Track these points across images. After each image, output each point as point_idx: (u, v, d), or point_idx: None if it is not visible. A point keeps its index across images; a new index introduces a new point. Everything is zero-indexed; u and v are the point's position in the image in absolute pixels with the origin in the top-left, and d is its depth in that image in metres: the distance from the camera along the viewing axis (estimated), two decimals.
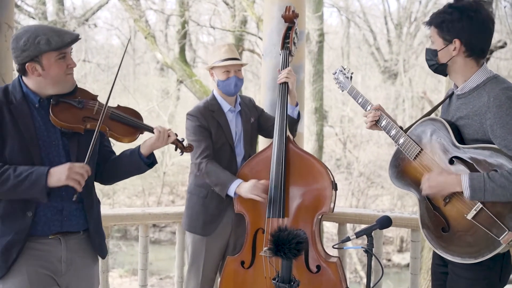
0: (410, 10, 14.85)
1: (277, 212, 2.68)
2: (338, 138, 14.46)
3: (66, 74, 1.97)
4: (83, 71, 12.10)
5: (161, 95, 13.47)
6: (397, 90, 14.27)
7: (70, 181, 1.86)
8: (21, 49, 1.89)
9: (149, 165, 2.15)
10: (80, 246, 2.08)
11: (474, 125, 1.97)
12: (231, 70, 2.79)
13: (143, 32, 10.54)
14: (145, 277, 3.10)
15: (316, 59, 9.89)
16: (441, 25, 2.03)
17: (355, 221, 3.11)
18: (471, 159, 1.96)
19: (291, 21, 2.92)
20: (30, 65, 1.92)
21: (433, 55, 2.08)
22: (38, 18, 11.33)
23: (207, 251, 2.82)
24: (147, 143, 2.11)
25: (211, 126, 2.79)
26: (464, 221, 1.97)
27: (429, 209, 2.09)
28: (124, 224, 3.12)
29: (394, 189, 12.98)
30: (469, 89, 2.04)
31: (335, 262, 2.66)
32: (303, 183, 2.72)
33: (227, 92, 2.83)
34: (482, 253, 1.91)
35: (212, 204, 2.80)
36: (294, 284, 1.75)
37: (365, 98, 2.40)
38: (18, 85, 1.98)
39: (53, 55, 1.92)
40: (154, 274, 10.64)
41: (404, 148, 2.16)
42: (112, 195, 13.13)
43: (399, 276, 11.33)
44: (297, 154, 2.75)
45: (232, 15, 10.81)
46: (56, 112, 1.96)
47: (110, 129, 2.02)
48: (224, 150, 2.82)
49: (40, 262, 1.97)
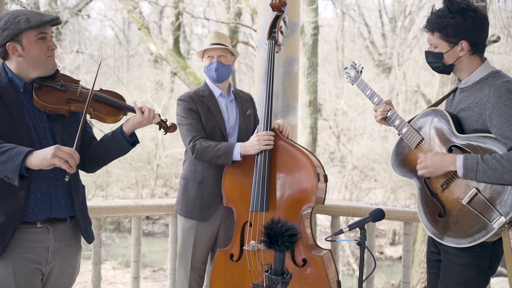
0: (404, 4, 14.85)
1: (260, 205, 2.66)
2: (332, 132, 14.48)
3: (47, 56, 2.01)
4: (76, 62, 12.00)
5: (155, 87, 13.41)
6: (391, 83, 14.29)
7: (56, 160, 1.79)
8: (1, 28, 1.93)
9: (132, 144, 2.17)
10: (67, 235, 2.10)
11: (474, 116, 2.07)
12: (214, 56, 2.82)
13: (137, 24, 10.46)
14: (137, 269, 3.10)
15: (310, 52, 9.87)
16: (445, 30, 2.10)
17: (348, 214, 3.11)
18: (468, 147, 2.05)
19: (279, 10, 2.87)
20: (10, 45, 1.95)
21: (437, 58, 2.15)
22: (30, 8, 11.22)
23: (196, 241, 2.83)
24: (129, 122, 2.14)
25: (200, 109, 2.80)
26: (459, 206, 2.06)
27: (427, 195, 2.19)
28: (117, 216, 3.12)
29: (387, 182, 13.05)
30: (472, 82, 2.13)
31: (322, 256, 2.65)
32: (288, 176, 2.70)
33: (211, 78, 2.86)
34: (476, 237, 2.00)
35: (207, 189, 2.81)
36: (287, 277, 1.76)
37: (372, 90, 2.51)
38: (3, 71, 2.01)
39: (33, 34, 1.95)
40: (147, 266, 10.64)
41: (406, 137, 2.26)
42: (106, 187, 13.10)
43: (391, 269, 11.41)
44: (282, 147, 2.73)
45: (227, 7, 10.76)
46: (40, 95, 2.00)
47: (95, 109, 2.06)
48: (215, 134, 2.82)
49: (28, 255, 1.98)
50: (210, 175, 2.82)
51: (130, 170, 13.28)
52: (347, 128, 14.37)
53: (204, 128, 2.80)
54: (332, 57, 16.06)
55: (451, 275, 2.14)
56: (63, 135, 2.04)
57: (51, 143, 2.00)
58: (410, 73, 14.60)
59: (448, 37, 2.10)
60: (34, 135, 1.98)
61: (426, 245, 6.47)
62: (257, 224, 2.67)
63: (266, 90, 2.75)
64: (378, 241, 12.26)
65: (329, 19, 17.38)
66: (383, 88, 13.95)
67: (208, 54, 2.83)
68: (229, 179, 2.79)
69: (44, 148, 1.85)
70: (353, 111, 14.03)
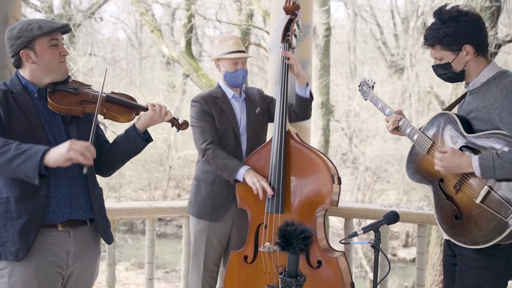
0: (417, 4, 14.72)
1: (276, 207, 2.68)
2: (344, 133, 14.42)
3: (59, 62, 2.07)
4: (89, 65, 12.11)
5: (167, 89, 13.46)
6: (403, 84, 14.20)
7: (71, 152, 1.81)
8: (15, 36, 2.01)
9: (146, 140, 2.19)
10: (87, 240, 2.13)
11: (483, 117, 2.07)
12: (239, 62, 2.86)
13: (149, 26, 10.53)
14: (151, 270, 3.11)
15: (322, 53, 9.86)
16: (445, 40, 2.12)
17: (361, 216, 3.10)
18: (477, 147, 2.05)
19: (293, 13, 2.88)
20: (24, 52, 2.01)
21: (446, 68, 2.17)
22: (44, 12, 11.36)
23: (208, 242, 2.85)
24: (141, 119, 2.17)
25: (214, 111, 2.84)
26: (474, 206, 2.05)
27: (442, 198, 2.18)
28: (131, 218, 3.14)
29: (400, 184, 12.95)
30: (480, 84, 2.14)
31: (336, 257, 2.65)
32: (303, 178, 2.71)
33: (234, 84, 2.90)
34: (492, 236, 1.98)
35: (219, 189, 2.83)
36: (301, 279, 1.76)
37: (384, 102, 2.55)
38: (16, 79, 2.07)
39: (45, 41, 2.02)
40: (160, 267, 10.69)
41: (418, 143, 2.27)
42: (119, 188, 13.19)
43: (404, 271, 11.33)
44: (297, 149, 2.74)
45: (239, 9, 10.78)
46: (54, 98, 2.05)
47: (108, 109, 2.11)
48: (228, 135, 2.85)
49: (50, 258, 2.01)
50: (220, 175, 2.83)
51: (143, 172, 13.35)
52: (359, 130, 14.30)
53: (217, 130, 2.83)
54: (344, 58, 16.00)
55: (466, 279, 2.12)
56: (78, 137, 2.07)
57: None
58: (423, 74, 14.48)
59: (450, 46, 2.12)
60: (50, 137, 2.03)
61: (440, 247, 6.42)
62: (272, 226, 2.67)
63: (281, 94, 2.77)
64: (391, 243, 12.18)
65: (341, 20, 17.34)
66: (396, 89, 13.88)
67: (233, 60, 2.86)
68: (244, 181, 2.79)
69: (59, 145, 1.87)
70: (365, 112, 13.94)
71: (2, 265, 1.96)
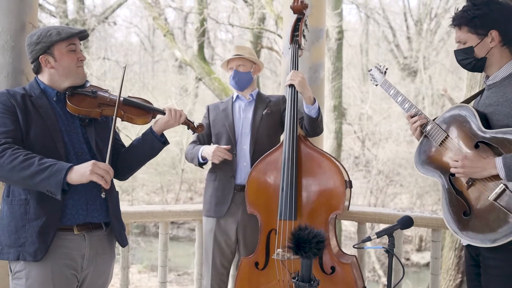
0: (430, 6, 14.64)
1: (289, 214, 2.64)
2: (357, 136, 14.35)
3: (77, 67, 2.13)
4: (102, 69, 12.22)
5: (180, 93, 13.54)
6: (417, 87, 14.11)
7: (94, 176, 1.89)
8: (35, 42, 2.07)
9: (163, 142, 2.26)
10: (102, 244, 2.15)
11: (504, 111, 2.00)
12: (233, 66, 2.98)
13: (162, 30, 10.60)
14: (164, 273, 3.13)
15: (335, 57, 9.84)
16: (473, 21, 2.06)
17: (374, 221, 3.08)
18: (493, 141, 1.98)
19: (300, 12, 2.83)
20: (43, 58, 2.08)
21: (468, 53, 2.10)
22: (59, 17, 11.49)
23: (215, 240, 2.90)
24: (158, 123, 2.24)
25: (213, 116, 3.03)
26: (485, 203, 1.98)
27: (452, 193, 2.11)
28: (144, 221, 3.15)
29: (413, 187, 12.86)
30: (501, 78, 2.08)
31: (350, 263, 2.62)
32: (316, 184, 2.67)
33: (232, 86, 3.03)
34: (504, 235, 1.91)
35: (220, 185, 2.91)
36: (314, 283, 1.75)
37: (396, 89, 2.44)
38: (35, 84, 2.13)
39: (64, 46, 2.08)
40: (172, 271, 10.71)
41: (431, 134, 2.20)
42: (131, 191, 13.26)
43: (418, 276, 11.23)
44: (308, 154, 2.70)
45: (251, 13, 10.80)
46: (73, 101, 2.11)
47: (126, 112, 2.17)
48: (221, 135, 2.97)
49: (66, 261, 2.03)
50: (220, 171, 2.92)
51: (155, 175, 13.41)
52: (372, 133, 14.22)
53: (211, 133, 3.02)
54: (357, 61, 15.93)
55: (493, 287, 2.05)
56: (96, 140, 2.14)
57: (84, 147, 2.10)
58: (437, 76, 14.38)
59: (477, 29, 2.06)
60: (67, 139, 2.07)
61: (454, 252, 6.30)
62: (285, 232, 2.64)
63: (291, 98, 2.73)
64: (405, 247, 12.08)
65: (354, 23, 17.28)
66: (409, 92, 13.77)
67: (229, 66, 3.01)
68: (252, 186, 2.78)
69: (82, 164, 1.92)
70: (378, 115, 13.88)
71: (19, 267, 1.99)
